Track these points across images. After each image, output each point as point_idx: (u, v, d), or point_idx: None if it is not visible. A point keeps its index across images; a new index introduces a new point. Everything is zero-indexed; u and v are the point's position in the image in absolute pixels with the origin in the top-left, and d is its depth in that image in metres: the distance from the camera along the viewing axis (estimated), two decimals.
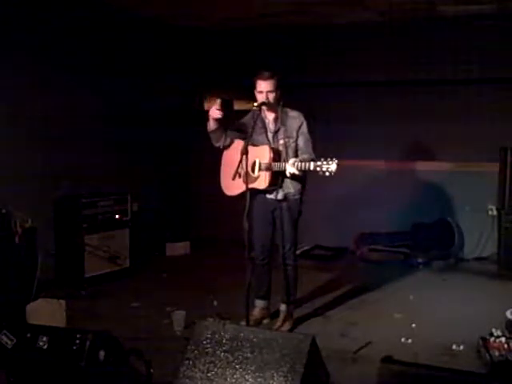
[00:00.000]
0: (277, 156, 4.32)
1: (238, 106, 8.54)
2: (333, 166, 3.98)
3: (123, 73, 6.54)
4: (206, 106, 7.77)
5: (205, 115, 4.55)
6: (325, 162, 4.01)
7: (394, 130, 6.89)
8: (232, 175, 4.37)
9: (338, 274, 6.13)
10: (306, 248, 6.99)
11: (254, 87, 4.38)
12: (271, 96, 4.33)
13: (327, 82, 7.24)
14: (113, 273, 5.84)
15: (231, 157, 4.51)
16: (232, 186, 4.49)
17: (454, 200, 6.72)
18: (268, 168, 4.28)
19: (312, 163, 4.07)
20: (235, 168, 4.32)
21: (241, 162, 4.12)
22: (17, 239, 4.66)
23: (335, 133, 6.95)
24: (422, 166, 6.93)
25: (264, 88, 4.32)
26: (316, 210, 6.80)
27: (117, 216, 5.92)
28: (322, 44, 7.16)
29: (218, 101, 4.50)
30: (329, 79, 7.20)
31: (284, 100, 4.47)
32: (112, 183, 6.16)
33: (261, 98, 4.33)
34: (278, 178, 4.33)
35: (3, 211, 4.65)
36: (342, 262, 6.74)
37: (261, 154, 4.33)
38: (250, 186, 4.19)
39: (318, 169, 4.03)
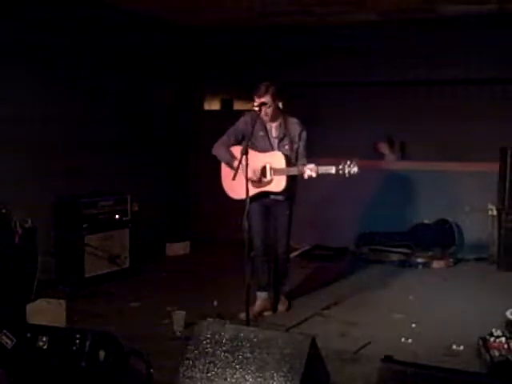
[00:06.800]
0: (289, 161, 4.52)
1: (238, 105, 8.56)
2: (355, 168, 4.26)
3: (123, 73, 6.54)
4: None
5: (205, 116, 4.61)
6: (346, 165, 4.27)
7: (393, 130, 6.89)
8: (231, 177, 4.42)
9: (338, 274, 6.12)
10: (306, 248, 6.98)
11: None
12: (268, 111, 4.43)
13: (327, 82, 7.25)
14: (113, 273, 5.83)
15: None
16: (238, 190, 4.47)
17: (454, 200, 6.72)
18: (283, 172, 4.47)
19: (333, 167, 4.31)
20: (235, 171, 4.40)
21: (240, 163, 4.16)
22: (17, 239, 4.66)
23: (335, 133, 6.96)
24: (422, 166, 6.93)
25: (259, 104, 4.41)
26: (316, 210, 6.84)
27: (117, 216, 5.92)
28: (323, 44, 7.16)
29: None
30: (329, 79, 7.21)
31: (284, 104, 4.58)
32: (112, 183, 6.16)
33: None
34: (290, 180, 4.54)
35: (3, 211, 4.65)
36: (342, 262, 6.74)
37: (273, 160, 4.50)
38: (264, 189, 4.44)
39: (341, 172, 4.29)
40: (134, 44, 6.68)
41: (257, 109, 4.33)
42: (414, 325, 4.58)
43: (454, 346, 4.10)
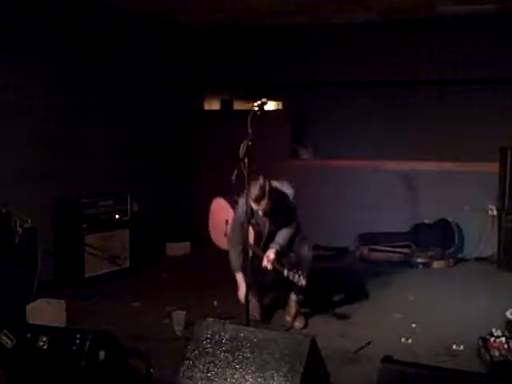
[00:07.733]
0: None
1: (237, 105, 8.55)
2: (303, 282, 4.20)
3: (123, 73, 6.53)
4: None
5: (205, 116, 4.58)
6: (297, 275, 4.21)
7: (394, 130, 6.89)
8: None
9: (338, 274, 6.12)
10: None
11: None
12: (266, 211, 4.40)
13: (327, 82, 7.25)
14: (113, 273, 5.83)
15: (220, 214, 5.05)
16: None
17: (454, 200, 6.71)
18: (250, 247, 4.36)
19: (285, 271, 4.26)
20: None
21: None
22: (17, 239, 4.66)
23: (335, 133, 6.96)
24: (422, 166, 6.92)
25: (257, 208, 4.38)
26: (316, 210, 6.83)
27: (117, 216, 5.92)
28: (322, 44, 7.16)
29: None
30: (328, 79, 7.21)
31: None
32: (112, 183, 6.16)
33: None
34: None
35: (3, 211, 4.65)
36: (342, 262, 6.74)
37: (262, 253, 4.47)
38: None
39: (290, 278, 4.25)
40: (134, 44, 6.68)
41: (257, 109, 4.29)
42: (414, 325, 4.58)
43: (454, 346, 4.10)
